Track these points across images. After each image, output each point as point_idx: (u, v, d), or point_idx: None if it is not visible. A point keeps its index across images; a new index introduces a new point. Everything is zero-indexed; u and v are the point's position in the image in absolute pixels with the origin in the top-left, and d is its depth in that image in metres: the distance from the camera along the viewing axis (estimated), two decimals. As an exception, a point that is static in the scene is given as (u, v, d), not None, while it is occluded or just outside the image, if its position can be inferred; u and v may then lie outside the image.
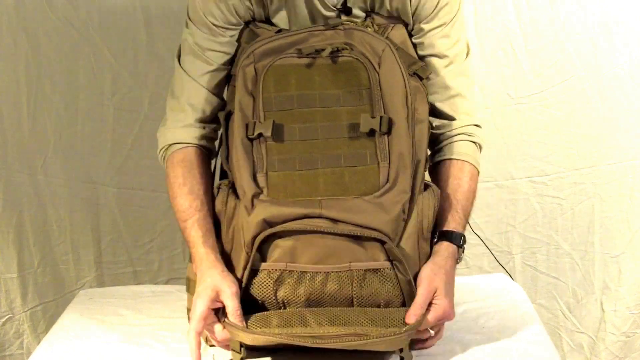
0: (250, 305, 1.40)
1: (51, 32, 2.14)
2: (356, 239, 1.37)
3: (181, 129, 1.55)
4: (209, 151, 1.58)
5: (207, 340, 1.48)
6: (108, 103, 2.19)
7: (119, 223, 2.27)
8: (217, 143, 1.59)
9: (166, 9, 2.14)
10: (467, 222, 1.54)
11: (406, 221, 1.42)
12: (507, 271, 2.00)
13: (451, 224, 1.50)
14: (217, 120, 1.58)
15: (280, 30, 1.51)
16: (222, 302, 1.39)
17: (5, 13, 2.12)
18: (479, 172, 1.58)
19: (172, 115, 1.57)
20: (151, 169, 2.19)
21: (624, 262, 2.28)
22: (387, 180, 1.40)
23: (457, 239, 1.49)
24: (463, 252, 1.51)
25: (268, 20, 1.56)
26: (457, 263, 1.50)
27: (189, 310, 1.48)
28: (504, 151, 2.22)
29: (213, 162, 1.60)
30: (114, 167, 2.23)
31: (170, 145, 1.55)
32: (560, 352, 2.30)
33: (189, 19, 1.56)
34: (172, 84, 1.58)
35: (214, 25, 1.53)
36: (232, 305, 1.38)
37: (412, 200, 1.43)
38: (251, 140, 1.42)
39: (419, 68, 1.51)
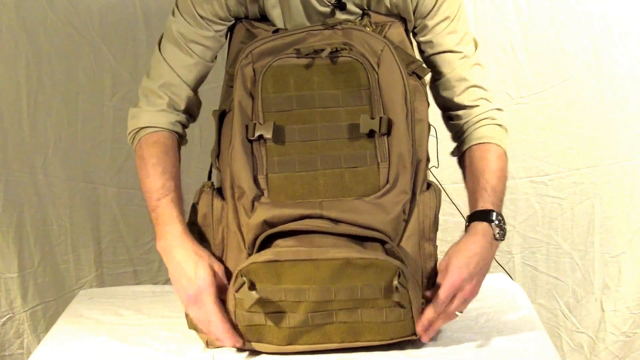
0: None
1: (51, 32, 2.14)
2: (357, 239, 1.37)
3: (155, 113, 1.52)
4: (180, 137, 1.56)
5: (207, 344, 1.48)
6: (108, 103, 2.19)
7: (119, 223, 2.27)
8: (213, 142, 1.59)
9: (166, 8, 2.11)
10: (500, 201, 1.48)
11: (407, 221, 1.41)
12: (506, 271, 2.00)
13: (479, 204, 1.46)
14: (188, 111, 1.56)
15: (277, 30, 1.50)
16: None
17: (5, 13, 2.12)
18: (506, 153, 1.53)
19: (146, 98, 1.54)
20: (151, 169, 2.18)
21: (624, 262, 2.28)
22: (387, 181, 1.39)
23: (487, 216, 1.44)
24: (502, 230, 1.45)
25: (262, 18, 1.55)
26: (498, 240, 1.44)
27: (187, 314, 1.47)
28: (504, 151, 2.22)
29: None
30: (114, 167, 2.23)
31: (143, 128, 1.52)
32: (560, 352, 2.30)
33: (177, 7, 1.55)
34: (150, 67, 1.56)
35: (201, 17, 1.52)
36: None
37: (412, 200, 1.42)
38: (250, 141, 1.42)
39: (418, 67, 1.50)
